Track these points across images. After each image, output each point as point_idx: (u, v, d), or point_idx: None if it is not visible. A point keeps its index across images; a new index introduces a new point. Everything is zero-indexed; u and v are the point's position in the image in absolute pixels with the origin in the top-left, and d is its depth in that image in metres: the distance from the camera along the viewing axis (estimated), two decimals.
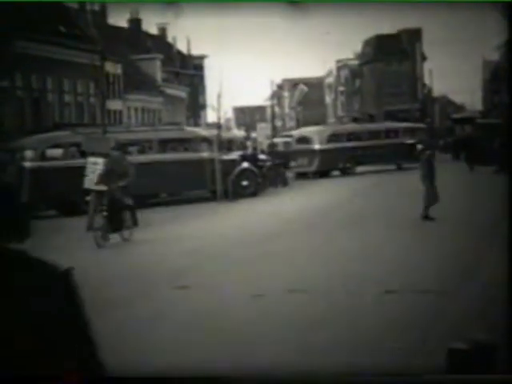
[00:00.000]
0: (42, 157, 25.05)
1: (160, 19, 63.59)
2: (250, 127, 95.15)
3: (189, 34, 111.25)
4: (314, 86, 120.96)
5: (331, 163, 38.77)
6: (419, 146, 19.16)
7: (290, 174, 37.27)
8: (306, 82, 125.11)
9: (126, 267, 13.44)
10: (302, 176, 38.59)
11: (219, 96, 31.89)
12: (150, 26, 67.43)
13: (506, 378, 5.10)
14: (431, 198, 17.43)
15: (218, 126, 29.82)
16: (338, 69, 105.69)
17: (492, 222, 15.43)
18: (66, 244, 17.04)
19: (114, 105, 49.67)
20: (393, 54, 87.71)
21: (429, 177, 17.57)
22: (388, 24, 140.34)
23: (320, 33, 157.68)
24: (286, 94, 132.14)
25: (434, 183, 17.63)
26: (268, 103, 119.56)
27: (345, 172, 39.04)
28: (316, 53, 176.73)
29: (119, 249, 16.28)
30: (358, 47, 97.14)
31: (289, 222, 19.45)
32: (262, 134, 76.80)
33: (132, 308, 9.93)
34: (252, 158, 29.29)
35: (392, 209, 21.14)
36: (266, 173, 32.01)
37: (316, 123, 62.41)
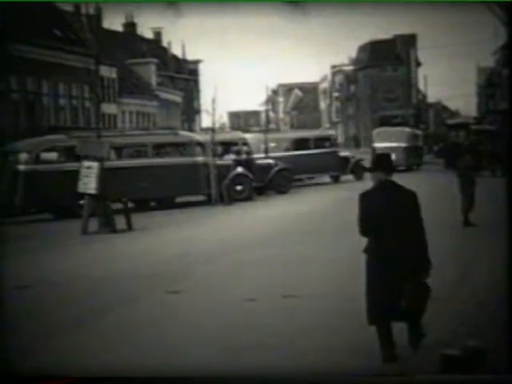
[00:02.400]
0: (37, 160, 25.01)
1: (156, 22, 63.65)
2: (244, 132, 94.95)
3: (184, 38, 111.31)
4: (309, 91, 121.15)
5: (411, 160, 42.94)
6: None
7: None
8: (301, 87, 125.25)
9: None
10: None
11: (214, 100, 31.90)
12: (146, 30, 67.51)
13: (506, 378, 5.13)
14: (468, 204, 17.77)
15: (212, 130, 29.83)
16: (333, 74, 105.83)
17: None
18: None
19: (109, 109, 49.65)
20: (387, 59, 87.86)
21: (468, 186, 17.94)
22: (383, 28, 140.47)
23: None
24: (280, 99, 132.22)
25: (473, 192, 17.95)
26: (263, 108, 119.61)
27: (410, 168, 42.03)
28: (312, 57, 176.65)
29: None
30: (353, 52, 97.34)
31: None
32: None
33: None
34: (247, 163, 29.28)
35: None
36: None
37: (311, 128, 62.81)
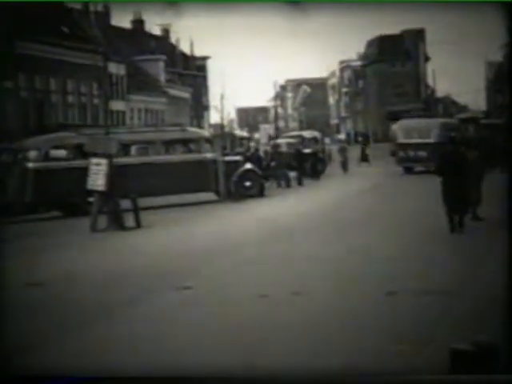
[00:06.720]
0: (46, 157, 25.06)
1: (163, 20, 63.64)
2: (252, 128, 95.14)
3: (191, 34, 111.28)
4: (317, 86, 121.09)
5: None
6: None
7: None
8: (309, 82, 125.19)
9: None
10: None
11: (222, 97, 31.94)
12: (153, 26, 67.49)
13: (506, 378, 5.09)
14: (476, 199, 17.70)
15: (221, 126, 29.85)
16: (341, 70, 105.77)
17: None
18: None
19: (118, 106, 49.73)
20: (396, 54, 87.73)
21: (476, 180, 17.86)
22: (390, 24, 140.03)
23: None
24: (289, 94, 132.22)
25: (481, 186, 17.87)
26: (271, 104, 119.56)
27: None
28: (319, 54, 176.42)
29: None
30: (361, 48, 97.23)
31: None
32: (264, 134, 76.74)
33: None
34: (255, 159, 29.25)
35: None
36: None
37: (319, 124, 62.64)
